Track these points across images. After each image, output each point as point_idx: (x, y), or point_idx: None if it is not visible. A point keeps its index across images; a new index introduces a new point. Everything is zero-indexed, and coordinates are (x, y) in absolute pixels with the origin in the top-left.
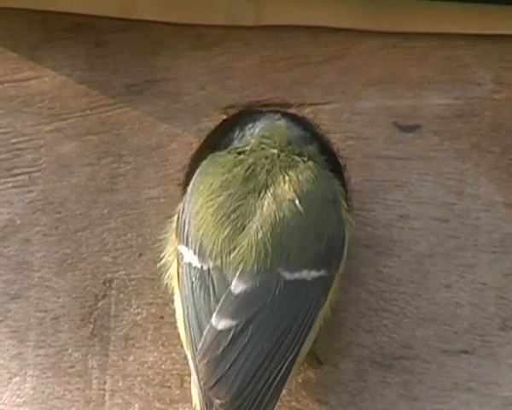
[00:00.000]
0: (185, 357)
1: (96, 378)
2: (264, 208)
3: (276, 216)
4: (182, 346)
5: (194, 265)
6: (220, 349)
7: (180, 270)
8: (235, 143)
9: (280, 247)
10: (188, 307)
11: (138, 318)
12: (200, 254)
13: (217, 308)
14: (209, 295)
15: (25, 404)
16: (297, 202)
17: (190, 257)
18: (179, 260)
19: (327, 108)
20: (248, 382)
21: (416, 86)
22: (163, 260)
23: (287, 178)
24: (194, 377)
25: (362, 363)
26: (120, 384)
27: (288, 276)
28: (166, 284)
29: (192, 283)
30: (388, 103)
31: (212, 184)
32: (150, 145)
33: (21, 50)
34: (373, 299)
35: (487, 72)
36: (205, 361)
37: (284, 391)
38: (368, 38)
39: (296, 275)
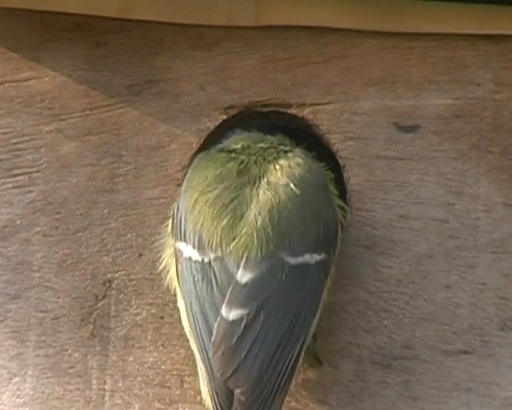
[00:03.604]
0: (185, 357)
1: (95, 379)
2: (260, 196)
3: (273, 202)
4: (181, 346)
5: (194, 258)
6: (234, 339)
7: (179, 267)
8: (223, 143)
9: (280, 232)
10: (191, 302)
11: (138, 318)
12: (200, 247)
13: (225, 299)
14: (212, 286)
15: (25, 404)
16: (292, 185)
17: (190, 251)
18: (178, 257)
19: (327, 108)
20: (266, 367)
21: (416, 86)
22: (162, 264)
23: (278, 166)
24: (203, 372)
25: (361, 363)
26: (120, 385)
27: (292, 261)
28: (168, 287)
29: (193, 276)
30: (388, 103)
31: (206, 178)
32: (150, 145)
33: (21, 51)
34: (373, 299)
35: (487, 72)
36: (220, 353)
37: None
38: (368, 38)
39: (300, 259)
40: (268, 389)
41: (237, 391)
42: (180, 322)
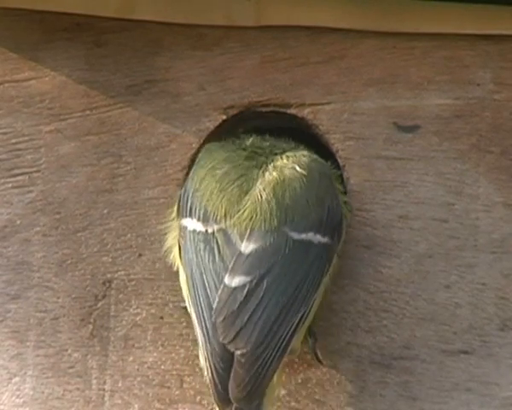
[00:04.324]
0: (185, 357)
1: (95, 379)
2: (266, 176)
3: (278, 180)
4: (181, 346)
5: (198, 230)
6: (236, 304)
7: (182, 242)
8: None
9: (284, 207)
10: (192, 269)
11: (138, 318)
12: (205, 220)
13: (228, 269)
14: (214, 255)
15: (24, 404)
16: (297, 168)
17: (194, 224)
18: (182, 234)
19: (327, 108)
20: (267, 332)
21: (415, 86)
22: (166, 244)
23: (285, 156)
24: (200, 337)
25: (361, 363)
26: (120, 385)
27: (295, 236)
28: (171, 265)
29: (196, 246)
30: (388, 104)
31: (215, 159)
32: (150, 145)
33: (21, 51)
34: (372, 299)
35: (487, 72)
36: (222, 318)
37: (284, 391)
38: (368, 38)
39: (303, 236)
40: (267, 353)
41: (237, 353)
42: (180, 322)
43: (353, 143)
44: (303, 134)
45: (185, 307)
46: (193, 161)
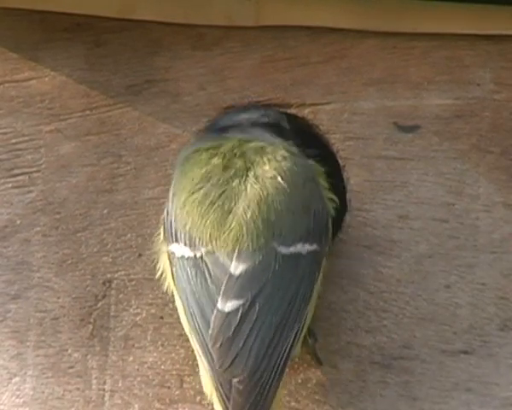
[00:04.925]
0: (185, 357)
1: (95, 379)
2: (248, 190)
3: (261, 195)
4: (181, 346)
5: (186, 256)
6: (231, 330)
7: (174, 269)
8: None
9: (271, 223)
10: (187, 298)
11: (138, 318)
12: (191, 245)
13: (220, 292)
14: (206, 280)
15: (24, 404)
16: (279, 179)
17: (182, 250)
18: (172, 260)
19: (327, 108)
20: (263, 356)
21: (415, 86)
22: (160, 271)
23: (264, 158)
24: (205, 366)
25: (361, 363)
26: (120, 385)
27: (283, 250)
28: (167, 290)
29: (187, 273)
30: (388, 103)
31: (192, 179)
32: (150, 145)
33: (21, 51)
34: (372, 299)
35: (487, 72)
36: (218, 345)
37: (284, 391)
38: (368, 38)
39: (292, 249)
40: (265, 377)
41: (235, 380)
42: (180, 322)
43: (353, 143)
44: (303, 134)
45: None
46: (176, 162)
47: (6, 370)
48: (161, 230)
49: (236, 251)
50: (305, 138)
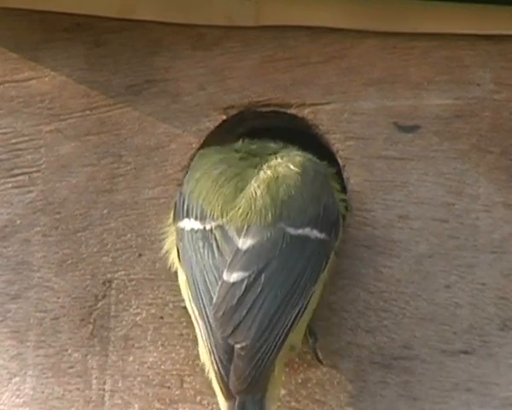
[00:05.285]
0: (185, 357)
1: (95, 379)
2: (261, 174)
3: (272, 177)
4: (181, 346)
5: (196, 228)
6: (235, 299)
7: (181, 244)
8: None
9: (280, 203)
10: (192, 267)
11: (138, 318)
12: (202, 218)
13: (226, 264)
14: (213, 251)
15: (24, 404)
16: (291, 166)
17: (192, 224)
18: (180, 236)
19: (327, 108)
20: (266, 326)
21: (415, 86)
22: (165, 247)
23: (279, 156)
24: (203, 331)
25: (361, 363)
26: (120, 385)
27: (292, 231)
28: (170, 267)
29: (195, 244)
30: (388, 103)
31: (209, 161)
32: (150, 145)
33: (21, 51)
34: (372, 299)
35: (487, 72)
36: (221, 313)
37: (284, 391)
38: (368, 38)
39: (300, 231)
40: (266, 346)
41: (237, 346)
42: (180, 322)
43: (353, 143)
44: (303, 134)
45: (185, 307)
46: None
47: (6, 370)
48: (171, 213)
49: (245, 226)
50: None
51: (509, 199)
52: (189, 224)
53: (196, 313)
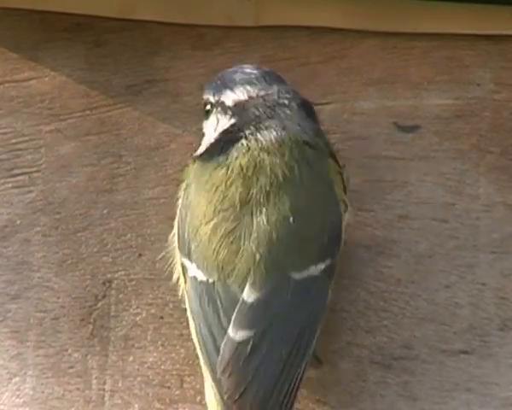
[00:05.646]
0: (185, 357)
1: (95, 379)
2: (260, 222)
3: (274, 220)
4: (181, 346)
5: (199, 279)
6: (241, 361)
7: (187, 285)
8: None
9: (283, 249)
10: (200, 324)
11: (138, 318)
12: (204, 268)
13: (232, 319)
14: (217, 308)
15: (24, 404)
16: (291, 219)
17: (195, 271)
18: (184, 272)
19: (327, 108)
20: (272, 390)
21: (415, 86)
22: (175, 277)
23: (276, 190)
24: (214, 391)
25: (361, 363)
26: (120, 385)
27: (297, 276)
28: (180, 299)
29: (200, 298)
30: (388, 104)
31: (209, 202)
32: (150, 145)
33: (21, 51)
34: (372, 299)
35: (487, 72)
36: (227, 375)
37: None
38: (368, 38)
39: (305, 273)
40: None
41: None
42: (180, 322)
43: (353, 142)
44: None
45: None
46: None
47: (6, 370)
48: (175, 231)
49: (250, 278)
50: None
51: (509, 199)
52: (192, 269)
53: (206, 368)
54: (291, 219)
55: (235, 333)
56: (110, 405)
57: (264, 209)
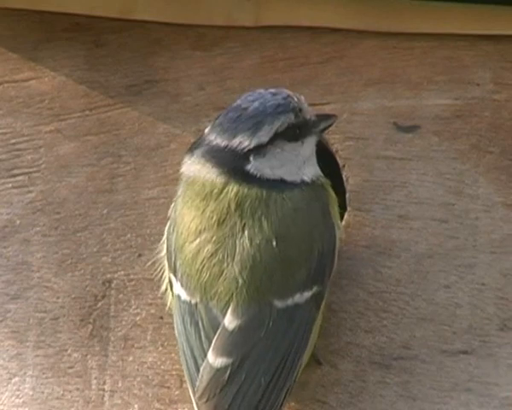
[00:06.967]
0: None
1: (95, 379)
2: (243, 247)
3: (258, 245)
4: None
5: (182, 298)
6: (219, 388)
7: (173, 301)
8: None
9: (267, 275)
10: (183, 344)
11: (138, 318)
12: (187, 288)
13: (211, 344)
14: (199, 331)
15: (24, 404)
16: (274, 243)
17: (179, 289)
18: (171, 289)
19: (327, 108)
20: None
21: (415, 86)
22: (163, 286)
23: (262, 218)
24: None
25: (361, 363)
26: (120, 385)
27: (280, 304)
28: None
29: (183, 318)
30: (388, 104)
31: (194, 218)
32: (150, 145)
33: (21, 51)
34: (372, 299)
35: (487, 72)
36: (204, 400)
37: None
38: (368, 38)
39: (289, 301)
40: None
41: None
42: None
43: (353, 143)
44: None
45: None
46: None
47: (6, 370)
48: (165, 239)
49: (232, 303)
50: None
51: (508, 199)
52: (176, 286)
53: (189, 388)
54: (274, 242)
55: (214, 359)
56: (110, 405)
57: (246, 232)
